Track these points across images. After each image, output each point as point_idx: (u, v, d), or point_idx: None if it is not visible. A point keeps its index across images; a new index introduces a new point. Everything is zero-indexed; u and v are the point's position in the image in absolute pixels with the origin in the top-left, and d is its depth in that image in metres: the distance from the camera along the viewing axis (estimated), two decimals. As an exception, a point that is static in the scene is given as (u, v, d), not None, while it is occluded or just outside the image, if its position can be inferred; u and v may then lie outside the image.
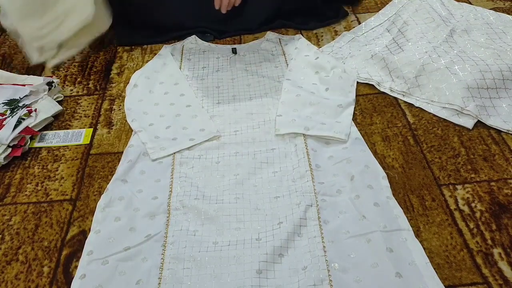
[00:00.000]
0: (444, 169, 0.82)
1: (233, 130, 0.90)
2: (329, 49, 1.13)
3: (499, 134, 0.88)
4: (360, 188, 0.76)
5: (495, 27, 1.13)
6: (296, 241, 0.69)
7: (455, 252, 0.68)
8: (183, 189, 0.79)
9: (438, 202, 0.76)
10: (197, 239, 0.71)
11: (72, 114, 0.99)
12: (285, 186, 0.78)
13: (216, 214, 0.74)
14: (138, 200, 0.77)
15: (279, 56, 1.10)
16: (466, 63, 0.97)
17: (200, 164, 0.84)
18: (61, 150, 0.90)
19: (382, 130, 0.90)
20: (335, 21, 1.24)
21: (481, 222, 0.72)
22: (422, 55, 1.02)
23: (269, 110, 0.94)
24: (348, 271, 0.65)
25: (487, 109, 0.91)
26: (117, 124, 0.96)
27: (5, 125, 0.89)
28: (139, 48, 1.19)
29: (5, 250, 0.73)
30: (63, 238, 0.74)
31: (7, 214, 0.78)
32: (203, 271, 0.66)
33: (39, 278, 0.68)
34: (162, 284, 0.65)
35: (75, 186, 0.83)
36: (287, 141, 0.87)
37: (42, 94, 0.98)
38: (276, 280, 0.65)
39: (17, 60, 1.18)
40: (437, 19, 1.15)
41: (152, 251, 0.69)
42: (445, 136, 0.88)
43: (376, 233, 0.69)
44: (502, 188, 0.78)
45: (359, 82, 1.02)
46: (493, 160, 0.83)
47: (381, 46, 1.10)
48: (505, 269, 0.66)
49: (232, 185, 0.79)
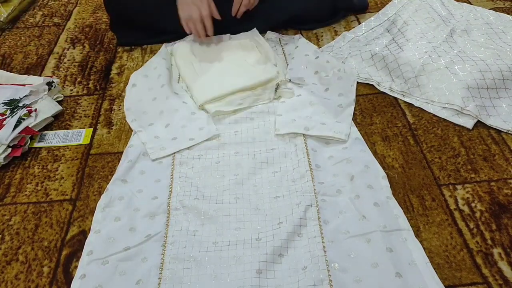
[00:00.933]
0: (444, 169, 0.82)
1: (233, 130, 0.90)
2: (329, 49, 1.13)
3: (499, 134, 0.88)
4: (360, 188, 0.76)
5: (495, 27, 1.13)
6: (296, 241, 0.69)
7: (455, 252, 0.68)
8: (183, 189, 0.79)
9: (438, 202, 0.76)
10: (197, 239, 0.71)
11: (72, 114, 0.99)
12: (285, 186, 0.78)
13: (216, 214, 0.74)
14: (138, 200, 0.77)
15: (279, 56, 1.10)
16: (466, 63, 0.97)
17: (200, 164, 0.84)
18: (61, 150, 0.90)
19: (382, 130, 0.90)
20: (335, 21, 1.24)
21: (481, 222, 0.72)
22: (422, 55, 1.02)
23: (269, 110, 0.94)
24: (348, 271, 0.65)
25: (487, 109, 0.91)
26: (117, 124, 0.96)
27: (5, 125, 0.88)
28: (139, 48, 1.19)
29: (5, 250, 0.73)
30: (63, 238, 0.74)
31: (7, 214, 0.78)
32: (203, 271, 0.66)
33: (39, 278, 0.68)
34: (162, 284, 0.65)
35: (75, 186, 0.83)
36: (287, 141, 0.87)
37: (42, 94, 0.98)
38: (276, 280, 0.65)
39: (17, 60, 1.18)
40: (437, 19, 1.15)
41: (152, 251, 0.69)
42: (445, 136, 0.88)
43: (376, 233, 0.69)
44: (502, 188, 0.78)
45: (359, 82, 1.02)
46: (493, 160, 0.83)
47: (381, 46, 1.10)
48: (505, 269, 0.66)
49: (232, 185, 0.79)
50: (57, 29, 1.31)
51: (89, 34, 1.27)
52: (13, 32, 1.30)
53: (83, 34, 1.27)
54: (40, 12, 1.40)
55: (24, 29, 1.31)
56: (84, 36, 1.27)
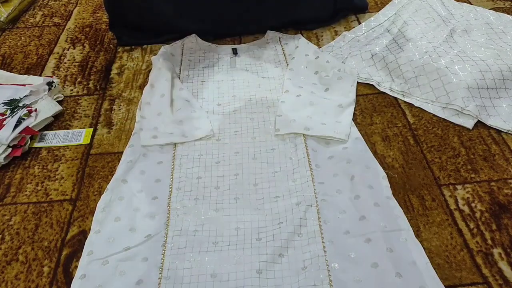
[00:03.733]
0: (444, 169, 0.82)
1: (233, 130, 0.90)
2: (329, 49, 1.13)
3: (499, 134, 0.88)
4: (360, 188, 0.76)
5: (495, 27, 1.13)
6: (296, 241, 0.69)
7: (455, 252, 0.68)
8: (183, 189, 0.79)
9: (438, 202, 0.76)
10: (197, 239, 0.71)
11: (72, 114, 0.99)
12: (285, 186, 0.78)
13: (216, 214, 0.74)
14: (138, 200, 0.77)
15: (279, 56, 1.10)
16: (466, 63, 0.97)
17: (200, 164, 0.84)
18: (61, 150, 0.90)
19: (382, 130, 0.90)
20: (335, 21, 1.24)
21: (481, 222, 0.72)
22: (422, 55, 1.02)
23: (269, 110, 0.94)
24: (348, 271, 0.65)
25: (487, 109, 0.91)
26: (117, 124, 0.96)
27: (5, 125, 0.88)
28: (139, 48, 1.19)
29: (5, 250, 0.73)
30: (63, 238, 0.74)
31: (7, 214, 0.78)
32: (203, 271, 0.66)
33: (39, 278, 0.68)
34: (162, 284, 0.65)
35: (75, 186, 0.83)
36: (287, 141, 0.87)
37: (42, 94, 0.98)
38: (276, 280, 0.65)
39: (17, 60, 1.18)
40: (437, 19, 1.15)
41: (152, 251, 0.69)
42: (445, 136, 0.88)
43: (376, 233, 0.69)
44: (502, 188, 0.78)
45: (359, 82, 1.02)
46: (493, 160, 0.83)
47: (381, 46, 1.10)
48: (505, 269, 0.66)
49: (232, 185, 0.79)
50: (57, 29, 1.31)
51: (89, 34, 1.27)
52: (13, 32, 1.30)
53: (83, 34, 1.27)
54: (40, 12, 1.40)
55: (24, 29, 1.31)
56: (84, 36, 1.26)
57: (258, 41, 1.17)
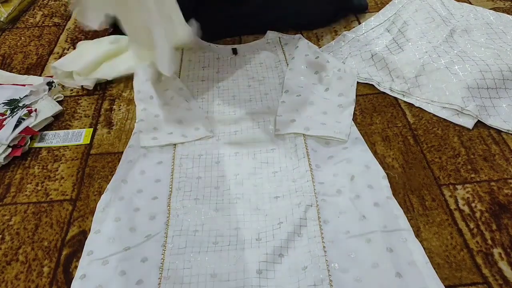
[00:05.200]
0: (444, 169, 0.82)
1: (233, 130, 0.90)
2: (329, 49, 1.13)
3: (499, 134, 0.88)
4: (360, 188, 0.76)
5: (495, 27, 1.13)
6: (296, 241, 0.69)
7: (455, 252, 0.68)
8: (183, 189, 0.79)
9: (438, 202, 0.76)
10: (197, 239, 0.71)
11: (72, 114, 0.99)
12: (285, 186, 0.78)
13: (216, 214, 0.74)
14: (138, 200, 0.77)
15: (279, 56, 1.10)
16: (466, 63, 0.97)
17: (200, 164, 0.84)
18: (61, 150, 0.90)
19: (382, 130, 0.90)
20: (335, 21, 1.24)
21: (481, 222, 0.72)
22: (422, 55, 1.02)
23: (269, 110, 0.94)
24: (348, 271, 0.65)
25: (487, 109, 0.91)
26: (117, 124, 0.96)
27: (5, 125, 0.89)
28: (139, 48, 1.19)
29: (5, 250, 0.73)
30: (63, 238, 0.74)
31: (7, 214, 0.78)
32: (203, 271, 0.66)
33: (39, 278, 0.68)
34: (162, 284, 0.65)
35: (75, 186, 0.83)
36: (287, 141, 0.87)
37: (42, 94, 0.98)
38: (276, 280, 0.65)
39: (17, 60, 1.18)
40: (437, 19, 1.15)
41: (152, 251, 0.69)
42: (445, 136, 0.88)
43: (376, 233, 0.69)
44: (502, 188, 0.78)
45: (359, 82, 1.02)
46: (493, 160, 0.83)
47: (381, 46, 1.10)
48: (505, 269, 0.66)
49: (232, 185, 0.79)
50: (57, 29, 1.30)
51: (89, 34, 1.27)
52: (13, 32, 1.30)
53: (83, 34, 1.27)
54: (40, 12, 1.40)
55: (24, 29, 1.31)
56: (84, 36, 1.26)
57: (258, 41, 1.17)
